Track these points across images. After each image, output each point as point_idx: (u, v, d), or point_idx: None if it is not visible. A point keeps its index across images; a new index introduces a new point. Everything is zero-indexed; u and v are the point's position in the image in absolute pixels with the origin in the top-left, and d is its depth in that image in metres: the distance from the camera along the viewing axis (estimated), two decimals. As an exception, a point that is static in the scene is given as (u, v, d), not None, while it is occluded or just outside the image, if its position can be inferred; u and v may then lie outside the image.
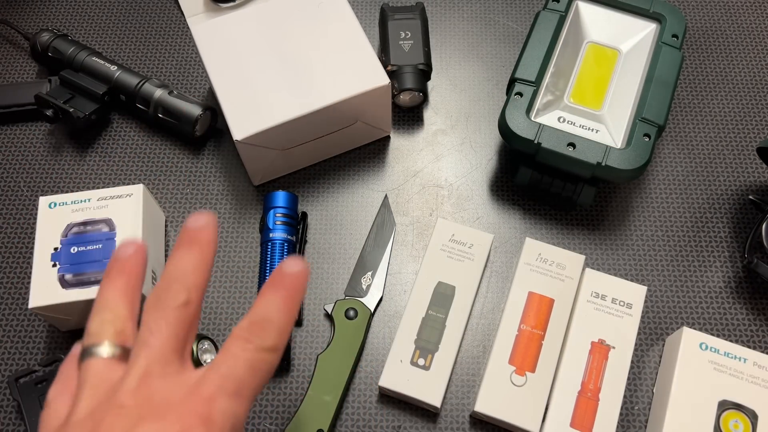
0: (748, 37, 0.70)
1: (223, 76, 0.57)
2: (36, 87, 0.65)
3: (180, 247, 0.32)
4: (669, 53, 0.59)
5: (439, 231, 0.57)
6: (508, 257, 0.59)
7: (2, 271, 0.59)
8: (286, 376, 0.55)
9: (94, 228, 0.54)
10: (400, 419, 0.53)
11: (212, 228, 0.33)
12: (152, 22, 0.72)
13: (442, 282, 0.55)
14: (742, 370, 0.50)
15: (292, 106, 0.55)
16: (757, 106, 0.66)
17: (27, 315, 0.57)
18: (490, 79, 0.68)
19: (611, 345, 0.52)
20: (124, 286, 0.32)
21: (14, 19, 0.72)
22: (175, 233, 0.60)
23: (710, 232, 0.60)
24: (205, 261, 0.32)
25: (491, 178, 0.63)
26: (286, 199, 0.58)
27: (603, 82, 0.59)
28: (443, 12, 0.72)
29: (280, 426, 0.53)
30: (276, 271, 0.32)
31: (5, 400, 0.54)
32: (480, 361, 0.55)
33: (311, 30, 0.59)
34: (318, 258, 0.59)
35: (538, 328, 0.53)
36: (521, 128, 0.55)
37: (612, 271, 0.58)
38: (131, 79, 0.63)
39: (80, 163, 0.64)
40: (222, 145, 0.64)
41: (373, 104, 0.58)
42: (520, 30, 0.71)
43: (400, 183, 0.63)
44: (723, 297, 0.57)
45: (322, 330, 0.56)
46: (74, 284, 0.51)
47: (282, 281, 0.31)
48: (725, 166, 0.63)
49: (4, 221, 0.61)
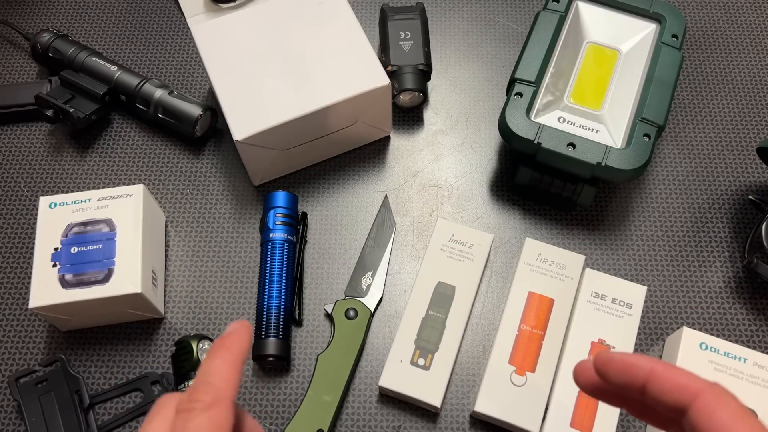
0: (748, 37, 0.70)
1: (223, 76, 0.57)
2: (36, 87, 0.65)
3: (209, 353, 0.31)
4: (669, 53, 0.59)
5: (439, 231, 0.57)
6: (508, 257, 0.59)
7: (2, 271, 0.59)
8: (286, 376, 0.55)
9: (95, 228, 0.54)
10: (400, 419, 0.53)
11: (242, 332, 0.31)
12: (152, 23, 0.72)
13: (442, 282, 0.55)
14: (742, 370, 0.50)
15: (292, 107, 0.55)
16: (757, 106, 0.66)
17: (27, 315, 0.57)
18: (490, 79, 0.68)
19: (611, 345, 0.52)
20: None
21: (14, 20, 0.72)
22: (175, 233, 0.60)
23: (710, 232, 0.60)
24: (234, 361, 0.30)
25: (491, 178, 0.63)
26: (286, 199, 0.58)
27: (603, 82, 0.59)
28: (443, 12, 0.72)
29: (280, 426, 0.53)
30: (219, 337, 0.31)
31: (5, 400, 0.54)
32: (480, 361, 0.55)
33: (311, 30, 0.59)
34: (318, 258, 0.59)
35: (538, 328, 0.53)
36: (521, 128, 0.55)
37: (612, 271, 0.58)
38: (131, 80, 0.63)
39: (80, 163, 0.64)
40: (222, 145, 0.64)
41: (373, 104, 0.58)
42: (520, 30, 0.71)
43: (400, 183, 0.63)
44: (723, 297, 0.57)
45: (322, 330, 0.56)
46: (74, 284, 0.51)
47: (221, 342, 0.31)
48: (725, 166, 0.63)
49: (5, 221, 0.61)
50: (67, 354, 0.55)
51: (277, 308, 0.54)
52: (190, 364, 0.51)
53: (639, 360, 0.29)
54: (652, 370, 0.28)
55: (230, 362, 0.29)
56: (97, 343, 0.56)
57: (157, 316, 0.56)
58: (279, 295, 0.55)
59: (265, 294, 0.55)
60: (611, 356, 0.30)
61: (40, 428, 0.51)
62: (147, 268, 0.53)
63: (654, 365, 0.28)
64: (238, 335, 0.31)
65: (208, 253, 0.59)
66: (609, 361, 0.30)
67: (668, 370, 0.28)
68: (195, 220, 0.61)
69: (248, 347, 0.31)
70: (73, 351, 0.55)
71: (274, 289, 0.55)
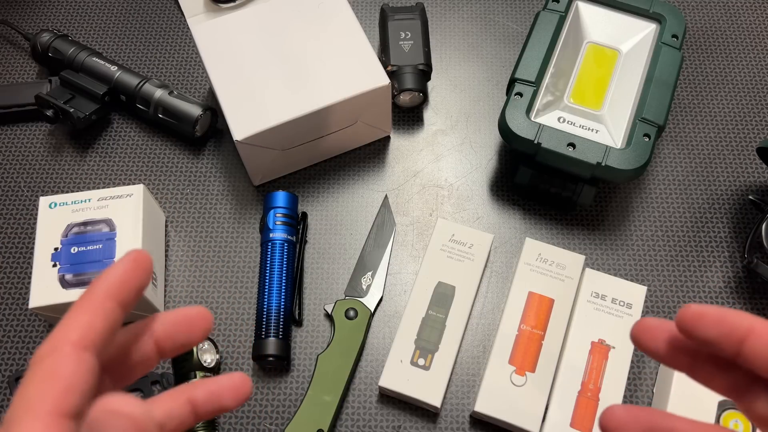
0: (748, 37, 0.70)
1: (223, 76, 0.57)
2: (36, 87, 0.65)
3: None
4: (669, 53, 0.59)
5: (439, 231, 0.57)
6: (508, 257, 0.59)
7: (2, 271, 0.59)
8: (286, 376, 0.55)
9: (95, 228, 0.54)
10: (400, 419, 0.53)
11: (119, 266, 0.26)
12: (152, 23, 0.72)
13: (442, 282, 0.55)
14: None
15: (292, 107, 0.55)
16: (757, 106, 0.66)
17: (27, 315, 0.57)
18: (490, 79, 0.68)
19: (611, 345, 0.52)
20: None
21: (14, 20, 0.72)
22: (175, 233, 0.60)
23: (710, 232, 0.60)
24: (93, 303, 0.25)
25: (491, 178, 0.63)
26: (286, 199, 0.58)
27: (603, 82, 0.59)
28: (443, 12, 0.72)
29: (280, 426, 0.53)
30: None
31: (5, 400, 0.54)
32: (480, 361, 0.55)
33: (311, 30, 0.59)
34: (318, 258, 0.59)
35: (538, 328, 0.53)
36: (521, 128, 0.55)
37: (612, 271, 0.58)
38: (131, 80, 0.63)
39: (80, 163, 0.64)
40: (222, 145, 0.64)
41: (373, 104, 0.58)
42: (520, 30, 0.71)
43: (400, 183, 0.63)
44: (723, 297, 0.57)
45: (322, 330, 0.56)
46: (74, 284, 0.51)
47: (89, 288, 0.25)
48: (725, 166, 0.63)
49: (4, 221, 0.61)
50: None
51: (277, 308, 0.54)
52: (190, 365, 0.51)
53: (736, 315, 0.26)
54: (751, 325, 0.26)
55: (85, 304, 0.24)
56: (97, 343, 0.56)
57: (157, 316, 0.56)
58: (279, 295, 0.55)
59: (265, 294, 0.55)
60: (704, 309, 0.27)
61: (40, 428, 0.51)
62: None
63: (753, 321, 0.26)
64: (108, 272, 0.25)
65: (208, 253, 0.59)
66: (704, 315, 0.27)
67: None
68: (195, 220, 0.61)
69: (125, 278, 0.25)
70: (73, 351, 0.55)
71: (274, 289, 0.55)
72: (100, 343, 0.24)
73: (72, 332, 0.23)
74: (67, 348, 0.23)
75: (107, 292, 0.25)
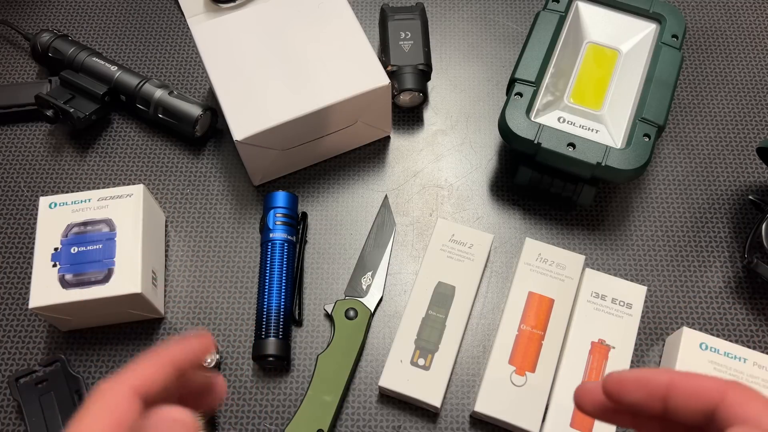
0: (748, 37, 0.70)
1: (223, 76, 0.57)
2: (36, 87, 0.65)
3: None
4: (669, 53, 0.59)
5: (439, 231, 0.57)
6: (508, 257, 0.59)
7: (2, 271, 0.59)
8: (286, 376, 0.55)
9: (95, 228, 0.54)
10: (400, 419, 0.53)
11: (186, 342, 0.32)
12: (152, 23, 0.72)
13: (442, 282, 0.55)
14: (742, 370, 0.50)
15: (292, 107, 0.55)
16: (757, 106, 0.66)
17: (27, 315, 0.57)
18: (490, 79, 0.68)
19: (611, 345, 0.52)
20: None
21: (14, 20, 0.72)
22: (175, 233, 0.60)
23: (710, 232, 0.60)
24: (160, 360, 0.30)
25: (491, 178, 0.63)
26: (286, 199, 0.58)
27: (603, 82, 0.59)
28: (443, 12, 0.72)
29: (280, 426, 0.53)
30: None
31: (5, 400, 0.54)
32: (480, 361, 0.55)
33: (311, 30, 0.59)
34: (318, 258, 0.59)
35: (538, 328, 0.53)
36: (521, 128, 0.55)
37: (612, 271, 0.58)
38: (131, 80, 0.63)
39: (80, 163, 0.64)
40: (222, 145, 0.64)
41: (373, 104, 0.58)
42: (520, 30, 0.71)
43: (400, 183, 0.63)
44: (723, 297, 0.57)
45: (322, 330, 0.56)
46: (74, 284, 0.51)
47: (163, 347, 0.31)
48: (725, 166, 0.63)
49: (4, 221, 0.61)
50: (67, 354, 0.55)
51: (277, 308, 0.54)
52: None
53: (654, 374, 0.28)
54: (670, 380, 0.27)
55: (153, 360, 0.30)
56: (97, 343, 0.56)
57: (157, 316, 0.56)
58: (279, 295, 0.55)
59: (265, 294, 0.55)
60: (623, 376, 0.28)
61: (40, 428, 0.51)
62: (147, 268, 0.53)
63: (671, 375, 0.27)
64: (178, 344, 0.31)
65: (208, 253, 0.59)
66: (623, 381, 0.28)
67: (688, 377, 0.27)
68: (195, 220, 0.61)
69: (190, 353, 0.31)
70: (73, 351, 0.55)
71: (274, 289, 0.55)
72: (151, 396, 0.29)
73: (135, 379, 0.28)
74: (127, 390, 0.28)
75: (172, 359, 0.30)
